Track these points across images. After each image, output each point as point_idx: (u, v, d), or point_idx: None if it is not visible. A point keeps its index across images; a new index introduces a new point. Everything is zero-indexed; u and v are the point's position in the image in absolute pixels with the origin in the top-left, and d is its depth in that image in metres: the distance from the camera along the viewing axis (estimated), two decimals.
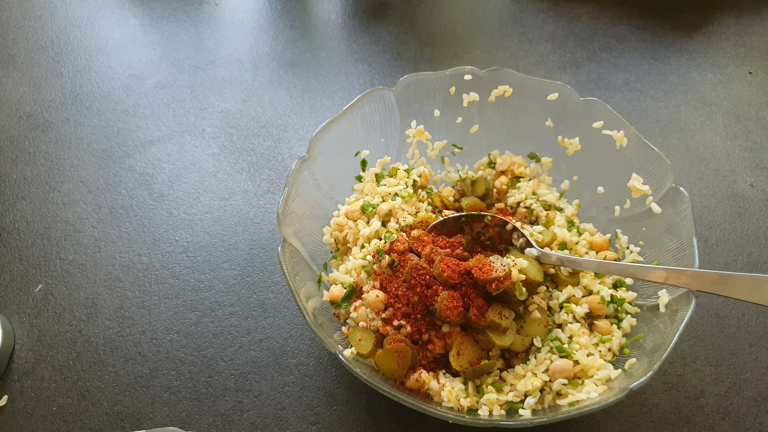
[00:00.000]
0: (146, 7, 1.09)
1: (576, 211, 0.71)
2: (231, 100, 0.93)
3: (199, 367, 0.65)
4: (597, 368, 0.55)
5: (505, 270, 0.55)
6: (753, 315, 0.69)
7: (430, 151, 0.75)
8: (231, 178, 0.83)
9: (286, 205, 0.61)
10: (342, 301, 0.61)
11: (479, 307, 0.56)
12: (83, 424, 0.61)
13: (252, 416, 0.62)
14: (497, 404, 0.54)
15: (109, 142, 0.87)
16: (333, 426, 0.61)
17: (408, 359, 0.56)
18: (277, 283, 0.72)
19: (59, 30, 1.04)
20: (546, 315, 0.59)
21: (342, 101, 0.93)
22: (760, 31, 1.07)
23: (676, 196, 0.61)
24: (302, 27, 1.06)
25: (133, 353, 0.66)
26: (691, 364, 0.65)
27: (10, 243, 0.75)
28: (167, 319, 0.69)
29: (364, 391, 0.63)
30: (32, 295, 0.71)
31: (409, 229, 0.65)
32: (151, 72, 0.97)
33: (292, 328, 0.68)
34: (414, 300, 0.57)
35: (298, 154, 0.85)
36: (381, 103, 0.72)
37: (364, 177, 0.72)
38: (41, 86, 0.94)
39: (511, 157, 0.74)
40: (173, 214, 0.79)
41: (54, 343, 0.67)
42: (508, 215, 0.69)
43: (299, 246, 0.62)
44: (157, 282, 0.72)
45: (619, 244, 0.66)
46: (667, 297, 0.57)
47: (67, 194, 0.81)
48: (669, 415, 0.61)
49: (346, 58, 1.00)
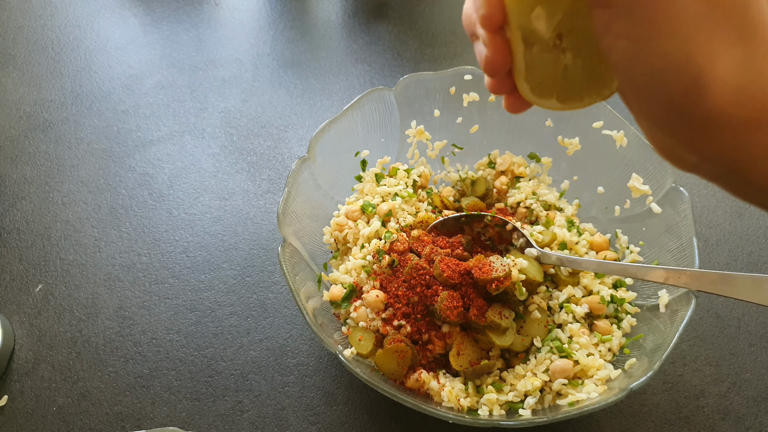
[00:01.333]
0: (146, 7, 1.09)
1: (576, 211, 0.71)
2: (231, 100, 0.93)
3: (199, 367, 0.65)
4: (597, 368, 0.55)
5: (505, 270, 0.55)
6: (753, 315, 0.69)
7: (430, 151, 0.75)
8: (231, 178, 0.83)
9: (286, 205, 0.61)
10: (342, 301, 0.61)
11: (479, 307, 0.56)
12: (83, 424, 0.61)
13: (252, 416, 0.62)
14: (497, 404, 0.54)
15: (109, 142, 0.87)
16: (333, 426, 0.61)
17: (408, 359, 0.56)
18: (277, 283, 0.72)
19: (59, 30, 1.04)
20: (546, 315, 0.59)
21: (342, 101, 0.93)
22: None
23: (676, 196, 0.61)
24: (302, 27, 1.06)
25: (133, 353, 0.66)
26: (691, 364, 0.65)
27: (10, 243, 0.75)
28: (167, 319, 0.69)
29: (364, 391, 0.63)
30: (32, 295, 0.71)
31: (409, 229, 0.65)
32: (151, 72, 0.97)
33: (292, 328, 0.68)
34: (414, 300, 0.57)
35: (298, 154, 0.85)
36: (381, 103, 0.72)
37: (364, 177, 0.72)
38: (41, 86, 0.94)
39: (511, 157, 0.74)
40: (173, 214, 0.79)
41: (54, 343, 0.67)
42: (508, 215, 0.69)
43: (299, 246, 0.62)
44: (157, 282, 0.72)
45: (619, 244, 0.66)
46: (667, 297, 0.57)
47: (67, 194, 0.81)
48: (669, 415, 0.61)
49: (346, 58, 1.00)
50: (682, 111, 0.27)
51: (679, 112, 0.28)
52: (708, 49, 0.26)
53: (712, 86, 0.26)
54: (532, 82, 0.35)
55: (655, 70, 0.27)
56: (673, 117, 0.28)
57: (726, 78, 0.26)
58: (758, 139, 0.27)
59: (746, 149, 0.27)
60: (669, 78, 0.27)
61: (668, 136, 0.31)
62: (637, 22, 0.27)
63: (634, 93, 0.30)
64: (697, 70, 0.26)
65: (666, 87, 0.27)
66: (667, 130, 0.30)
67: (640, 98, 0.30)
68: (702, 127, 0.28)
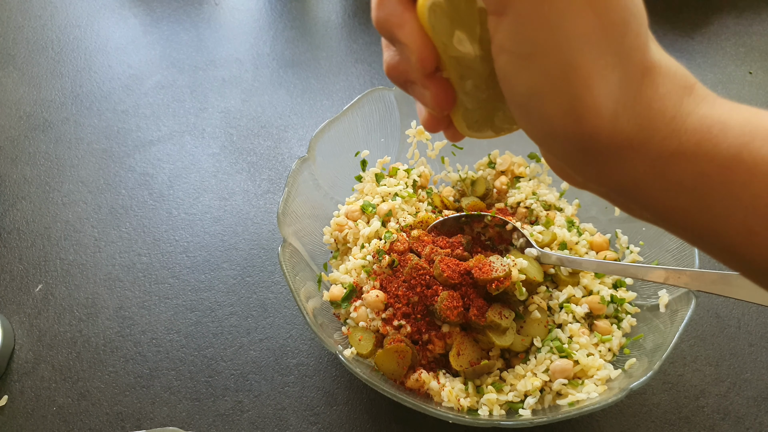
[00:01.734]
0: (146, 7, 1.09)
1: (576, 211, 0.71)
2: (231, 100, 0.93)
3: (199, 367, 0.65)
4: (597, 368, 0.55)
5: (505, 270, 0.55)
6: (753, 315, 0.69)
7: (430, 151, 0.75)
8: (231, 178, 0.83)
9: (286, 205, 0.61)
10: (342, 301, 0.61)
11: (479, 307, 0.56)
12: (83, 424, 0.61)
13: (252, 416, 0.62)
14: (497, 404, 0.54)
15: (109, 142, 0.87)
16: (333, 426, 0.61)
17: (408, 359, 0.56)
18: (277, 283, 0.72)
19: (59, 30, 1.04)
20: (546, 315, 0.59)
21: (342, 101, 0.93)
22: (760, 31, 1.07)
23: None
24: (302, 27, 1.06)
25: (133, 353, 0.66)
26: (691, 364, 0.65)
27: (10, 243, 0.75)
28: (167, 319, 0.69)
29: (364, 391, 0.63)
30: (32, 295, 0.71)
31: (409, 229, 0.65)
32: (151, 72, 0.97)
33: (292, 328, 0.68)
34: (414, 300, 0.57)
35: (298, 154, 0.85)
36: (381, 103, 0.72)
37: (364, 177, 0.72)
38: (41, 86, 0.94)
39: (511, 157, 0.74)
40: (173, 214, 0.79)
41: (54, 343, 0.67)
42: (508, 215, 0.69)
43: (299, 246, 0.62)
44: (157, 282, 0.72)
45: (619, 244, 0.66)
46: (667, 297, 0.57)
47: (67, 194, 0.81)
48: (669, 415, 0.61)
49: (346, 58, 1.00)
50: (560, 135, 0.27)
51: (558, 136, 0.27)
52: (588, 71, 0.25)
53: (589, 113, 0.25)
54: (469, 120, 0.35)
55: (533, 91, 0.26)
56: (551, 140, 0.28)
57: (603, 104, 0.25)
58: (637, 163, 0.27)
59: (627, 173, 0.27)
60: (546, 101, 0.26)
61: (550, 153, 0.31)
62: (520, 34, 0.25)
63: (515, 112, 0.29)
64: (574, 94, 0.25)
65: (544, 110, 0.26)
66: (549, 149, 0.30)
67: (520, 117, 0.29)
68: (581, 151, 0.27)
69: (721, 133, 0.26)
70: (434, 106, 0.33)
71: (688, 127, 0.26)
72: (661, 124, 0.26)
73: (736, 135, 0.26)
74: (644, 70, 0.26)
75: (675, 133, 0.26)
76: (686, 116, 0.26)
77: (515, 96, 0.28)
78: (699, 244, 0.30)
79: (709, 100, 0.27)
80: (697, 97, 0.27)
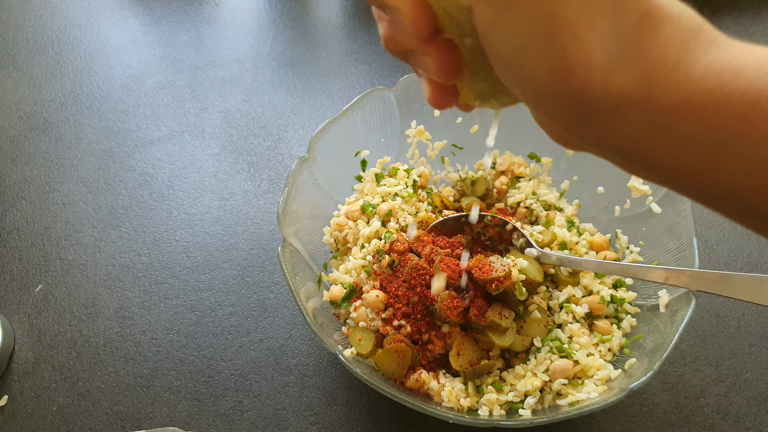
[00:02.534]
0: (146, 7, 1.09)
1: (576, 211, 0.71)
2: (231, 100, 0.93)
3: (199, 367, 0.65)
4: (597, 368, 0.55)
5: (505, 270, 0.55)
6: (753, 315, 0.69)
7: (430, 151, 0.75)
8: (231, 178, 0.83)
9: (286, 205, 0.61)
10: (342, 301, 0.61)
11: (479, 307, 0.56)
12: (83, 424, 0.61)
13: (252, 416, 0.62)
14: (497, 404, 0.54)
15: (109, 142, 0.87)
16: (333, 426, 0.61)
17: (408, 359, 0.56)
18: (277, 283, 0.72)
19: (59, 30, 1.04)
20: (546, 315, 0.59)
21: (342, 101, 0.93)
22: (760, 31, 1.07)
23: (676, 196, 0.61)
24: (302, 27, 1.06)
25: (133, 353, 0.66)
26: (691, 364, 0.65)
27: (10, 243, 0.75)
28: (167, 319, 0.69)
29: (364, 391, 0.63)
30: (32, 295, 0.71)
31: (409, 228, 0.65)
32: (151, 72, 0.97)
33: (292, 328, 0.68)
34: (414, 300, 0.57)
35: (298, 154, 0.85)
36: (381, 103, 0.72)
37: (364, 177, 0.72)
38: (41, 86, 0.94)
39: (511, 157, 0.74)
40: (173, 214, 0.79)
41: (54, 343, 0.67)
42: (508, 215, 0.69)
43: (299, 246, 0.62)
44: (157, 282, 0.72)
45: (619, 244, 0.66)
46: (667, 297, 0.57)
47: (67, 194, 0.81)
48: (669, 415, 0.61)
49: (346, 58, 1.00)
50: (548, 95, 0.24)
51: (546, 95, 0.25)
52: (575, 20, 0.22)
53: (578, 68, 0.23)
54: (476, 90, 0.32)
55: (515, 47, 0.24)
56: (540, 101, 0.25)
57: (594, 57, 0.23)
58: (636, 120, 0.24)
59: (626, 132, 0.25)
60: (531, 57, 0.23)
61: (542, 115, 0.28)
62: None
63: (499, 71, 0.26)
64: (561, 47, 0.22)
65: (529, 67, 0.24)
66: (540, 110, 0.27)
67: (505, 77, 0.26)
68: (572, 111, 0.25)
69: (733, 79, 0.23)
70: (440, 73, 0.30)
71: (695, 76, 0.23)
72: (661, 75, 0.23)
73: (751, 80, 0.22)
74: (642, 15, 0.23)
75: (679, 84, 0.23)
76: (693, 64, 0.23)
77: (497, 53, 0.25)
78: (712, 204, 0.27)
79: (719, 43, 0.24)
80: (706, 41, 0.24)
